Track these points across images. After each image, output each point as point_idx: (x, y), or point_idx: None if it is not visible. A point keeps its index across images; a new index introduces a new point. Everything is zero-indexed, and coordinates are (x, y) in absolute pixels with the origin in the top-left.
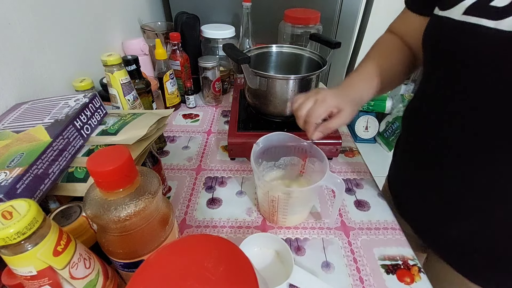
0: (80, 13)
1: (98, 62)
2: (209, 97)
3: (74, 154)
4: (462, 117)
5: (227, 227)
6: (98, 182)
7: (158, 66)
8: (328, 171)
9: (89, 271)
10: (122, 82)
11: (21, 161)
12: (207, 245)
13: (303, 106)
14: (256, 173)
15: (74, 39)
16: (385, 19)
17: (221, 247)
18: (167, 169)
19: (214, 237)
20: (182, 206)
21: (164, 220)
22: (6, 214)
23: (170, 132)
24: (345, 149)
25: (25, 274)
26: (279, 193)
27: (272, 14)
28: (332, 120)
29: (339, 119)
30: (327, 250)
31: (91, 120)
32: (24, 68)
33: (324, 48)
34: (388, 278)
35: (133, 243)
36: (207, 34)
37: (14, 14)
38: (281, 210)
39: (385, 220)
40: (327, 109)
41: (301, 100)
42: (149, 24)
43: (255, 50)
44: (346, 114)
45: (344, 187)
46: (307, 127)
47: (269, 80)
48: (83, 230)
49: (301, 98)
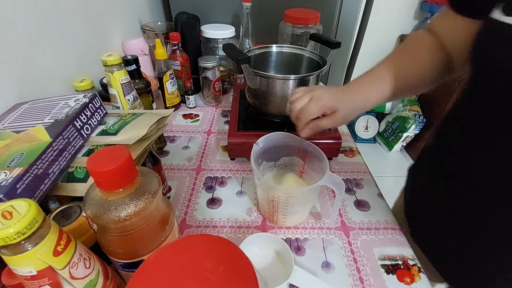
0: (80, 13)
1: (98, 62)
2: (209, 97)
3: (74, 154)
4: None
5: (227, 227)
6: (98, 182)
7: (158, 66)
8: (328, 171)
9: (89, 271)
10: (122, 82)
11: (21, 161)
12: (207, 245)
13: (298, 101)
14: (256, 173)
15: (74, 39)
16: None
17: (221, 247)
18: (167, 169)
19: (214, 237)
20: (182, 206)
21: (164, 220)
22: (6, 214)
23: (170, 132)
24: (345, 149)
25: (25, 274)
26: (279, 193)
27: (272, 14)
28: (323, 120)
29: (331, 120)
30: (327, 250)
31: (91, 120)
32: (24, 68)
33: (324, 48)
34: (388, 278)
35: (133, 243)
36: (207, 34)
37: (14, 14)
38: (281, 210)
39: (385, 220)
40: (321, 108)
41: (299, 94)
42: (149, 24)
43: (255, 50)
44: (339, 117)
45: (344, 187)
46: (298, 123)
47: (269, 80)
48: (83, 230)
49: (299, 92)
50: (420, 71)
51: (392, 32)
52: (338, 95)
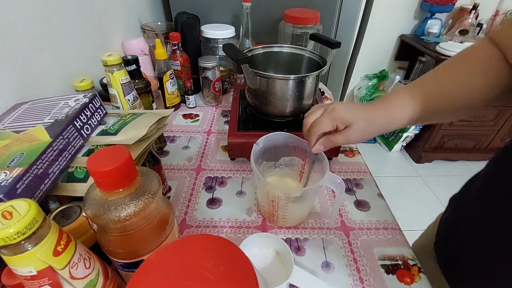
0: (80, 13)
1: (98, 62)
2: (209, 97)
3: (74, 154)
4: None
5: (227, 227)
6: (98, 182)
7: (158, 66)
8: (328, 171)
9: (89, 271)
10: (122, 82)
11: (21, 161)
12: (207, 245)
13: (312, 115)
14: (256, 173)
15: (74, 39)
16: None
17: (221, 247)
18: (167, 169)
19: (214, 237)
20: (182, 206)
21: (164, 220)
22: (6, 214)
23: (170, 132)
24: (345, 149)
25: (25, 274)
26: (279, 193)
27: (272, 14)
28: (336, 135)
29: (344, 136)
30: (327, 250)
31: (91, 120)
32: (24, 68)
33: (324, 48)
34: (388, 278)
35: (133, 243)
36: (207, 34)
37: (14, 14)
38: (281, 210)
39: (385, 220)
40: (333, 121)
41: (314, 109)
42: (149, 24)
43: (255, 50)
44: (353, 132)
45: (344, 188)
46: (309, 138)
47: (269, 80)
48: (83, 230)
49: (315, 107)
50: (468, 87)
51: (392, 32)
52: (356, 109)
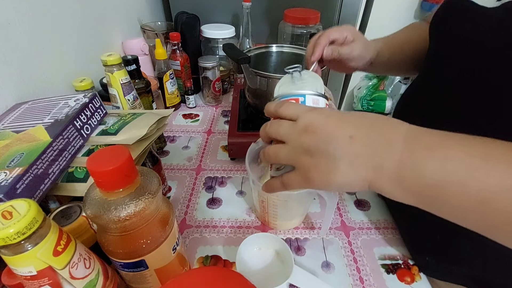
0: (80, 13)
1: (98, 62)
2: (209, 97)
3: (74, 154)
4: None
5: (227, 227)
6: (98, 182)
7: (158, 66)
8: None
9: (89, 271)
10: (122, 82)
11: (21, 161)
12: (215, 279)
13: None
14: (250, 174)
15: (74, 39)
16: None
17: (232, 282)
18: (167, 169)
19: (224, 270)
20: (182, 206)
21: (164, 220)
22: (6, 214)
23: (170, 132)
24: None
25: (25, 274)
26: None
27: (272, 14)
28: (344, 46)
29: (349, 47)
30: (327, 250)
31: (91, 120)
32: (24, 68)
33: None
34: (388, 278)
35: (133, 243)
36: (207, 34)
37: (14, 14)
38: (271, 213)
39: (385, 220)
40: (342, 31)
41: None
42: (149, 24)
43: (255, 50)
44: (357, 45)
45: (337, 199)
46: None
47: (269, 80)
48: (83, 230)
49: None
50: (411, 38)
51: (392, 32)
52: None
